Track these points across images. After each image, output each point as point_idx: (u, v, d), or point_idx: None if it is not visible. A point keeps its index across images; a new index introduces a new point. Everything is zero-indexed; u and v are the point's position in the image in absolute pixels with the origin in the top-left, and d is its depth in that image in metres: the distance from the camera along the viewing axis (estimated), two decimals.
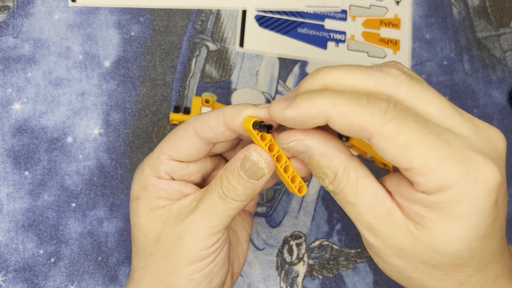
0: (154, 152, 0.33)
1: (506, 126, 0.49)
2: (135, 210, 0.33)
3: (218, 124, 0.30)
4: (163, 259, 0.31)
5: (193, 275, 0.31)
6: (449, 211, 0.24)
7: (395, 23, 0.50)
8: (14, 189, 0.42)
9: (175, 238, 0.31)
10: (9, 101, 0.43)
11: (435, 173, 0.24)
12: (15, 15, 0.45)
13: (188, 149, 0.32)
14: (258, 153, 0.28)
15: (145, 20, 0.46)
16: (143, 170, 0.33)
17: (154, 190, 0.32)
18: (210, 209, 0.30)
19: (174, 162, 0.32)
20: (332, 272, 0.44)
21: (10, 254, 0.41)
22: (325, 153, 0.27)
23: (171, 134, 0.32)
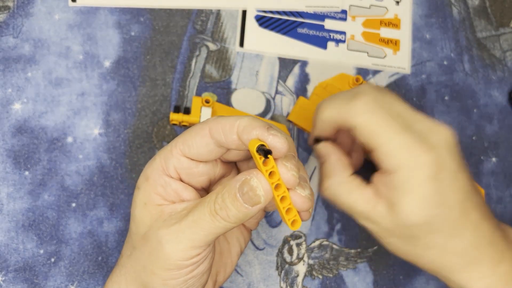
0: (167, 146, 0.33)
1: (506, 126, 0.49)
2: (134, 199, 0.33)
3: (231, 131, 0.30)
4: (144, 256, 0.31)
5: (168, 281, 0.30)
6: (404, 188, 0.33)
7: (395, 23, 0.50)
8: (14, 189, 0.42)
9: (157, 241, 0.30)
10: (9, 101, 0.43)
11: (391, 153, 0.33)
12: (15, 15, 0.45)
13: (200, 148, 0.31)
14: (258, 179, 0.28)
15: (145, 20, 0.46)
16: (153, 161, 0.33)
17: (154, 184, 0.32)
18: (197, 222, 0.29)
19: (184, 159, 0.32)
20: (332, 272, 0.44)
21: (10, 254, 0.41)
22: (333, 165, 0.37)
23: (187, 130, 0.33)
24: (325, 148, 0.37)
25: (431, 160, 0.33)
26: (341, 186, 0.35)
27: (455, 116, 0.49)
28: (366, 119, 0.34)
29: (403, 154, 0.33)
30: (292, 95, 0.47)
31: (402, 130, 0.33)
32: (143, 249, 0.31)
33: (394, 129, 0.33)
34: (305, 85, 0.47)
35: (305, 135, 0.47)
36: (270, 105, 0.46)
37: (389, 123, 0.33)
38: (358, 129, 0.34)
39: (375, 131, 0.33)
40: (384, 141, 0.33)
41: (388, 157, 0.33)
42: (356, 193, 0.35)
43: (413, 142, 0.33)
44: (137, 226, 0.32)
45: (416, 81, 0.49)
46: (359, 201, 0.35)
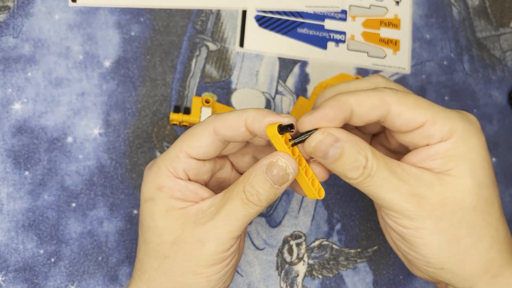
0: (171, 151, 0.33)
1: (506, 126, 0.49)
2: (149, 212, 0.32)
3: (239, 124, 0.31)
4: (181, 261, 0.32)
5: (212, 277, 0.32)
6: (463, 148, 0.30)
7: (395, 23, 0.50)
8: (14, 189, 0.42)
9: (196, 241, 0.31)
10: (9, 101, 0.43)
11: (443, 119, 0.30)
12: (15, 15, 0.45)
13: (208, 147, 0.32)
14: (286, 159, 0.30)
15: (145, 20, 0.46)
16: (159, 170, 0.32)
17: (170, 191, 0.32)
18: (231, 214, 0.31)
19: (192, 160, 0.33)
20: (332, 272, 0.44)
21: (10, 254, 0.41)
22: (353, 139, 0.30)
23: (188, 132, 0.33)
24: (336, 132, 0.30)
25: (481, 134, 0.31)
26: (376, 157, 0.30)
27: None
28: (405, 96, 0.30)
29: (455, 115, 0.31)
30: (292, 95, 0.47)
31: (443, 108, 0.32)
32: (179, 254, 0.32)
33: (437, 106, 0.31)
34: (305, 85, 0.47)
35: None
36: (270, 105, 0.46)
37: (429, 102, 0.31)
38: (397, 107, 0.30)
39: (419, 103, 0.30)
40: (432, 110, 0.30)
41: (442, 121, 0.30)
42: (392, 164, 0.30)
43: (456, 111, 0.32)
44: (161, 235, 0.32)
45: (416, 81, 0.49)
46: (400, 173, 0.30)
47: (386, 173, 0.30)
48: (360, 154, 0.29)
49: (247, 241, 0.44)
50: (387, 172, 0.30)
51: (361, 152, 0.29)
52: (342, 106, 0.29)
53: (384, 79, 0.33)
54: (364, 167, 0.29)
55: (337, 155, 0.29)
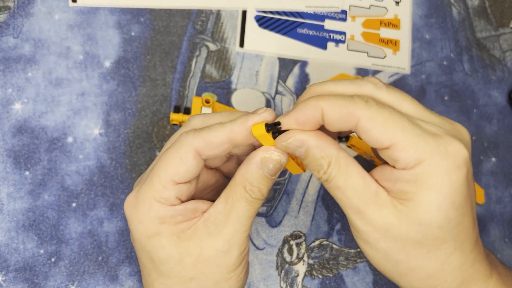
0: (156, 183, 0.31)
1: (506, 126, 0.49)
2: (159, 246, 0.32)
3: (223, 141, 0.31)
4: (210, 274, 0.32)
5: (240, 275, 0.34)
6: (426, 182, 0.28)
7: (395, 23, 0.50)
8: (15, 189, 0.42)
9: (219, 252, 0.32)
10: (10, 101, 0.43)
11: (411, 146, 0.28)
12: (15, 15, 0.45)
13: (194, 169, 0.32)
14: (277, 152, 0.31)
15: (145, 20, 0.46)
16: (151, 205, 0.32)
17: (173, 219, 0.32)
18: (243, 216, 0.32)
19: (181, 185, 0.32)
20: (332, 271, 0.44)
21: (10, 254, 0.41)
22: (319, 145, 0.30)
23: (169, 157, 0.32)
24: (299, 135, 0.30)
25: (463, 155, 0.29)
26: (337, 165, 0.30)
27: (454, 116, 0.49)
28: (377, 111, 0.29)
29: (428, 144, 0.28)
30: (292, 95, 0.47)
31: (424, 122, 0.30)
32: (206, 270, 0.32)
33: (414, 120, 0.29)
34: (305, 85, 0.47)
35: None
36: (270, 105, 0.46)
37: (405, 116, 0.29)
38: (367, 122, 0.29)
39: (390, 122, 0.29)
40: (403, 132, 0.28)
41: (409, 148, 0.28)
42: (354, 171, 0.30)
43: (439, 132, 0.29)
44: (180, 262, 0.32)
45: (415, 81, 0.49)
46: (357, 181, 0.30)
47: (342, 183, 0.30)
48: (322, 159, 0.30)
49: None
50: (343, 182, 0.30)
51: (324, 158, 0.30)
52: (312, 111, 0.30)
53: (374, 86, 0.31)
54: (324, 172, 0.30)
55: (302, 156, 0.31)
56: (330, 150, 0.30)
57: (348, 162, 0.30)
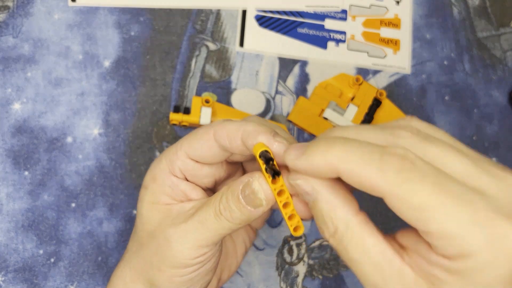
0: (173, 146, 0.33)
1: (507, 126, 0.49)
2: (141, 198, 0.33)
3: (236, 136, 0.29)
4: (151, 253, 0.32)
5: (174, 278, 0.31)
6: (471, 278, 0.22)
7: (395, 23, 0.50)
8: (14, 189, 0.42)
9: (165, 239, 0.31)
10: (9, 101, 0.43)
11: (455, 239, 0.22)
12: (14, 15, 0.45)
13: (205, 151, 0.31)
14: (260, 183, 0.28)
15: (145, 20, 0.46)
16: (160, 162, 0.33)
17: (161, 184, 0.32)
18: (203, 223, 0.30)
19: (189, 161, 0.32)
20: (332, 272, 0.44)
21: (9, 254, 0.41)
22: (330, 201, 0.25)
23: (193, 132, 0.32)
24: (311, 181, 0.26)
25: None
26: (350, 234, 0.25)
27: (455, 116, 0.49)
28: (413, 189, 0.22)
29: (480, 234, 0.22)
30: (292, 95, 0.47)
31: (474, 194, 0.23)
32: (150, 246, 0.32)
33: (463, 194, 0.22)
34: (305, 85, 0.47)
35: (305, 135, 0.47)
36: (270, 105, 0.46)
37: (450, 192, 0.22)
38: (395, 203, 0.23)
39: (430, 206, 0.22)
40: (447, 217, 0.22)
41: (454, 240, 0.22)
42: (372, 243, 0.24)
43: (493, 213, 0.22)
44: (144, 224, 0.33)
45: (416, 81, 0.49)
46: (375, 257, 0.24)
47: (357, 256, 0.25)
48: (330, 220, 0.25)
49: None
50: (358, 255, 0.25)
51: (332, 220, 0.25)
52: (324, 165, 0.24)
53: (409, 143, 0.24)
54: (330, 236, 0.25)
55: (310, 205, 0.26)
56: (342, 211, 0.25)
57: (364, 231, 0.25)
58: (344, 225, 0.25)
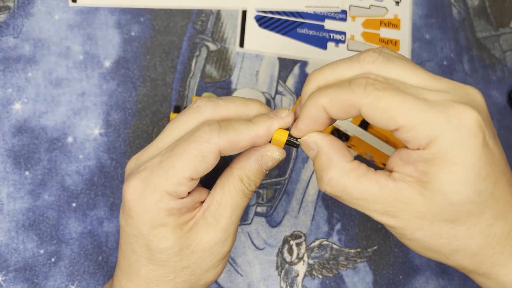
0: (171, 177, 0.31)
1: (506, 126, 0.49)
2: (161, 236, 0.32)
3: (247, 144, 0.31)
4: (202, 264, 0.33)
5: (226, 263, 0.35)
6: (445, 159, 0.27)
7: (395, 23, 0.50)
8: (15, 189, 0.42)
9: (217, 243, 0.33)
10: (10, 101, 0.43)
11: (421, 125, 0.27)
12: (15, 15, 0.45)
13: (211, 167, 0.31)
14: (280, 152, 0.33)
15: (145, 20, 0.46)
16: (162, 198, 0.31)
17: (179, 212, 0.32)
18: (238, 207, 0.33)
19: (195, 181, 0.32)
20: (332, 271, 0.44)
21: (10, 254, 0.41)
22: (328, 152, 0.30)
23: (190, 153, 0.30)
24: (314, 137, 0.31)
25: (476, 121, 0.27)
26: (346, 176, 0.29)
27: None
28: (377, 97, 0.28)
29: (438, 119, 0.27)
30: (292, 95, 0.47)
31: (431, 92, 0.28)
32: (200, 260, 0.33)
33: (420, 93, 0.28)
34: None
35: None
36: (270, 105, 0.46)
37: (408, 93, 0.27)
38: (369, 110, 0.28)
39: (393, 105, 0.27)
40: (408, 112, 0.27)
41: (418, 128, 0.27)
42: (367, 180, 0.29)
43: (447, 102, 0.27)
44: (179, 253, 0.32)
45: None
46: (373, 189, 0.29)
47: (359, 195, 0.29)
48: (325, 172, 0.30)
49: (247, 241, 0.44)
50: (359, 194, 0.29)
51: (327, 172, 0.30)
52: (316, 113, 0.30)
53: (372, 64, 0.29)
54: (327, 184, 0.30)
55: (313, 158, 0.31)
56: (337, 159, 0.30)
57: (359, 173, 0.29)
58: (339, 171, 0.30)
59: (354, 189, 0.29)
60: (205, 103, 0.33)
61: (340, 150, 0.30)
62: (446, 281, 0.45)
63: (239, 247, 0.44)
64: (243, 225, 0.44)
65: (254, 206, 0.44)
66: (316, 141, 0.31)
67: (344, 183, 0.29)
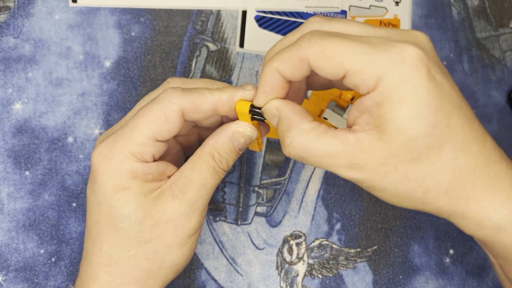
0: (135, 136, 0.31)
1: (506, 127, 0.50)
2: (124, 201, 0.32)
3: (210, 108, 0.32)
4: (165, 239, 0.32)
5: (193, 244, 0.34)
6: (393, 96, 0.27)
7: (394, 23, 0.50)
8: (15, 189, 0.42)
9: (181, 215, 0.32)
10: (10, 101, 0.43)
11: (365, 67, 0.27)
12: (15, 16, 0.45)
13: (175, 130, 0.32)
14: (251, 128, 0.33)
15: (145, 20, 0.46)
16: (126, 158, 0.31)
17: (144, 177, 0.32)
18: (206, 184, 0.33)
19: (160, 143, 0.32)
20: (332, 271, 0.44)
21: (10, 254, 0.41)
22: (288, 115, 0.30)
23: (153, 113, 0.31)
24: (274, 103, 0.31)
25: (418, 55, 0.27)
26: (306, 135, 0.29)
27: None
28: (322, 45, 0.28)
29: (382, 58, 0.27)
30: None
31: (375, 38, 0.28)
32: (162, 234, 0.32)
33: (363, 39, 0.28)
34: None
35: None
36: None
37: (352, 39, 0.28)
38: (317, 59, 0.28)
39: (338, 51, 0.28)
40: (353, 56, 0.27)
41: (363, 69, 0.27)
42: (327, 137, 0.29)
43: (390, 42, 0.28)
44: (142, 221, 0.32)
45: None
46: (334, 144, 0.28)
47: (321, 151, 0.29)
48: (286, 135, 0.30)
49: (247, 241, 0.44)
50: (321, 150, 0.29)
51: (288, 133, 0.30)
52: (271, 77, 0.30)
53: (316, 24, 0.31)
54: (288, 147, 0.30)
55: (276, 125, 0.31)
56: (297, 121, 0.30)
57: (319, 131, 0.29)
58: (299, 132, 0.29)
59: (316, 146, 0.29)
60: (175, 78, 0.35)
61: (300, 112, 0.30)
62: (446, 281, 0.45)
63: (239, 247, 0.44)
64: (243, 225, 0.44)
65: (254, 206, 0.45)
66: (277, 106, 0.31)
67: (306, 142, 0.29)
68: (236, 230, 0.44)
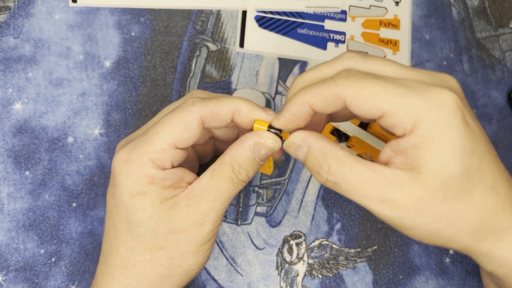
0: (155, 143, 0.32)
1: (506, 127, 0.50)
2: (140, 206, 0.32)
3: (228, 117, 0.32)
4: (179, 246, 0.33)
5: (207, 251, 0.34)
6: (431, 139, 0.28)
7: (394, 23, 0.50)
8: (15, 189, 0.42)
9: (194, 224, 0.32)
10: (10, 101, 0.43)
11: (403, 110, 0.28)
12: (15, 16, 0.45)
13: (195, 138, 0.32)
14: (273, 139, 0.32)
15: (145, 20, 0.46)
16: (145, 163, 0.32)
17: (162, 182, 0.32)
18: (224, 195, 0.33)
19: (179, 151, 0.32)
20: (332, 271, 0.44)
21: (10, 254, 0.41)
22: (319, 145, 0.30)
23: (173, 121, 0.32)
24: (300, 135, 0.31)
25: (455, 100, 0.28)
26: (342, 162, 0.30)
27: None
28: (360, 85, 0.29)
29: (420, 102, 0.28)
30: None
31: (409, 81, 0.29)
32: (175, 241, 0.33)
33: (398, 82, 0.29)
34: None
35: None
36: (270, 105, 0.46)
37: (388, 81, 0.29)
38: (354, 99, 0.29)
39: (375, 92, 0.28)
40: (390, 98, 0.28)
41: (401, 112, 0.28)
42: (363, 166, 0.29)
43: (425, 86, 0.29)
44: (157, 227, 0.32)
45: None
46: (369, 174, 0.29)
47: (355, 180, 0.29)
48: (323, 162, 0.30)
49: (247, 241, 0.44)
50: (355, 179, 0.29)
51: (324, 161, 0.30)
52: (300, 108, 0.30)
53: (350, 60, 0.31)
54: (327, 173, 0.30)
55: (303, 158, 0.31)
56: (330, 150, 0.30)
57: (353, 160, 0.30)
58: (336, 159, 0.30)
59: (351, 174, 0.29)
60: (198, 90, 0.36)
61: (329, 141, 0.31)
62: (446, 281, 0.45)
63: (239, 247, 0.44)
64: (243, 225, 0.44)
65: (254, 206, 0.45)
66: (304, 138, 0.31)
67: (342, 169, 0.29)
68: (236, 230, 0.44)
